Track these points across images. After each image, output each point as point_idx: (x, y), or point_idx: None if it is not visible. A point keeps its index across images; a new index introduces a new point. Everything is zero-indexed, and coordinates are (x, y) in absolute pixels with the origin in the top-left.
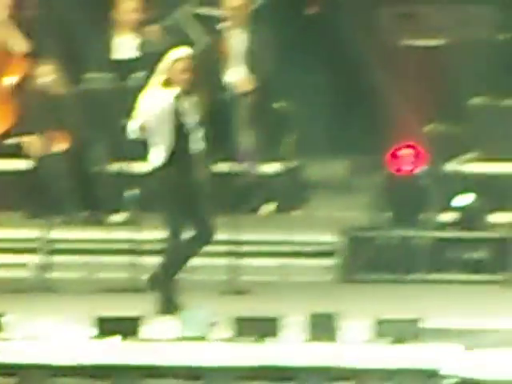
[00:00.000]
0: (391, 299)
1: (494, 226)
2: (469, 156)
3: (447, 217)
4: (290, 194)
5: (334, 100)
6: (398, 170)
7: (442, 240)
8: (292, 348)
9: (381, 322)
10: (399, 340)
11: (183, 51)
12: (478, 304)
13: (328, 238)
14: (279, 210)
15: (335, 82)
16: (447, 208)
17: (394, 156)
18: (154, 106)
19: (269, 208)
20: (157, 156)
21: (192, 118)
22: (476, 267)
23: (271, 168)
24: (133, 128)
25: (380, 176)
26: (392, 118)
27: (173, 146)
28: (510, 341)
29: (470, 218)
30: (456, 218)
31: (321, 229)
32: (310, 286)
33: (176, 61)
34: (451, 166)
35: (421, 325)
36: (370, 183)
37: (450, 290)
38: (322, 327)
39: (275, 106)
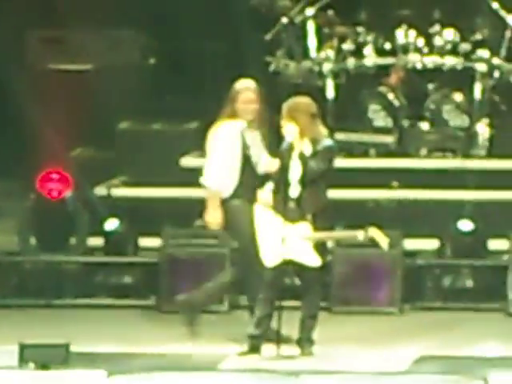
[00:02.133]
0: (39, 324)
1: (142, 250)
2: (116, 181)
3: (96, 241)
4: None
5: None
6: (46, 195)
7: (89, 265)
8: None
9: (27, 347)
10: (45, 365)
11: (247, 82)
12: (125, 329)
13: None
14: None
15: None
16: (95, 232)
17: (41, 180)
18: (222, 140)
19: None
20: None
21: (257, 150)
22: (123, 292)
23: None
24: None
25: (27, 200)
26: (40, 143)
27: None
28: (156, 365)
29: (118, 243)
30: (104, 243)
31: None
32: None
33: (240, 91)
34: (99, 191)
35: (68, 350)
36: (17, 208)
37: (97, 315)
38: None
39: None
